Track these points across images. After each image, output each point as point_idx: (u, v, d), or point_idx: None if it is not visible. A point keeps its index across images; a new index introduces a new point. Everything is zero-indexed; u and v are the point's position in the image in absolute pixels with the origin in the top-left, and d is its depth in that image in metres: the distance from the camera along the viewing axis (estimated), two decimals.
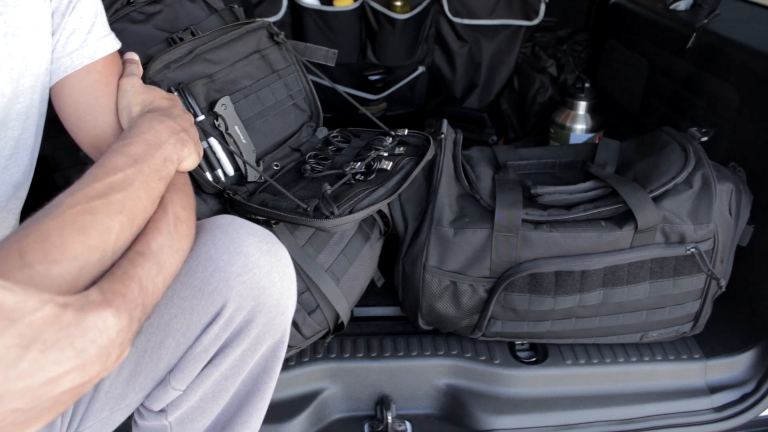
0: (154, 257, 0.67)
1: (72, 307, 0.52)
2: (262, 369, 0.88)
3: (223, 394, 0.86)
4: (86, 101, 0.85)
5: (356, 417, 1.28)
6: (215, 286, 0.77)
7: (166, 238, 0.70)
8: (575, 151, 1.42)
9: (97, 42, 0.85)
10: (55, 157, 1.21)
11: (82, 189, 0.64)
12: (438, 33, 2.11)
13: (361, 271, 1.24)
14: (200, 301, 0.78)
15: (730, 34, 1.50)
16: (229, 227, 0.81)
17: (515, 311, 1.24)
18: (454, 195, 1.25)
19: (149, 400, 0.85)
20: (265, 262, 0.80)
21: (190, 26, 1.17)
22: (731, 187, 1.24)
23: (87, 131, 0.86)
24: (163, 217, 0.72)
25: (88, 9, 0.85)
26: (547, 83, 2.10)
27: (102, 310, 0.55)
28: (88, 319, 0.53)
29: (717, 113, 1.50)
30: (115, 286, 0.59)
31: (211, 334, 0.79)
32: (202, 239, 0.80)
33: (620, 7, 2.05)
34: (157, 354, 0.81)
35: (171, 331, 0.79)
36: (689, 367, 1.33)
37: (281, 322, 0.84)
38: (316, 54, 1.30)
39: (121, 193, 0.66)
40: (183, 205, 0.76)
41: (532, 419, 1.26)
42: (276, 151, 1.23)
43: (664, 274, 1.22)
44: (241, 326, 0.81)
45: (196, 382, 0.83)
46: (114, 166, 0.68)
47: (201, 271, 0.78)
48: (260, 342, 0.84)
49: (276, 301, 0.81)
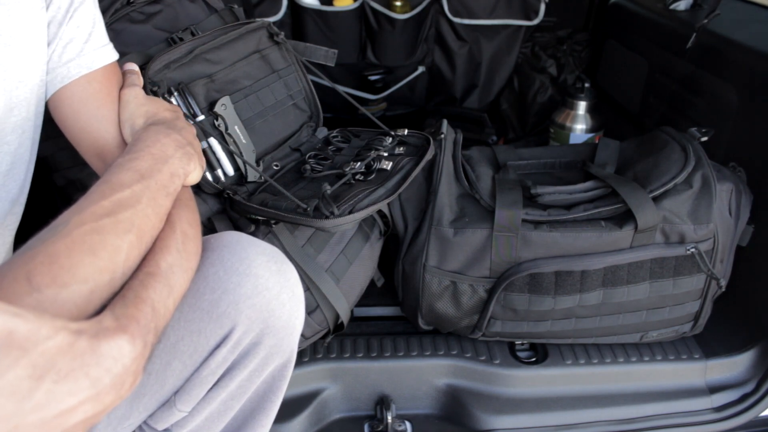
0: (164, 278, 0.65)
1: (86, 334, 0.50)
2: (269, 387, 0.87)
3: (228, 413, 0.85)
4: (88, 112, 0.83)
5: (356, 417, 1.28)
6: (224, 309, 0.75)
7: (175, 257, 0.68)
8: (575, 151, 1.42)
9: (95, 52, 0.83)
10: (55, 157, 1.21)
11: (89, 207, 0.62)
12: (438, 33, 2.11)
13: (361, 271, 1.24)
14: (208, 324, 0.76)
15: (730, 34, 1.50)
16: (237, 246, 0.79)
17: (515, 311, 1.24)
18: (454, 195, 1.25)
19: (153, 419, 0.84)
20: (274, 283, 0.78)
21: (190, 26, 1.18)
22: (731, 187, 1.24)
23: (90, 143, 0.84)
24: (171, 234, 0.69)
25: (85, 18, 0.83)
26: (547, 83, 2.10)
27: (117, 337, 0.52)
28: (102, 347, 0.51)
29: (717, 113, 1.50)
30: (128, 310, 0.57)
31: (218, 357, 0.77)
32: (210, 259, 0.78)
33: (620, 7, 2.05)
34: (162, 376, 0.79)
35: (177, 353, 0.78)
36: (689, 367, 1.33)
37: (289, 343, 0.83)
38: (316, 54, 1.30)
39: (129, 210, 0.64)
40: (190, 221, 0.74)
41: (532, 419, 1.26)
42: (276, 151, 1.23)
43: (664, 274, 1.22)
44: (249, 348, 0.79)
45: (202, 403, 0.82)
46: (121, 183, 0.66)
47: (209, 293, 0.76)
48: (268, 363, 0.82)
49: (285, 322, 0.80)
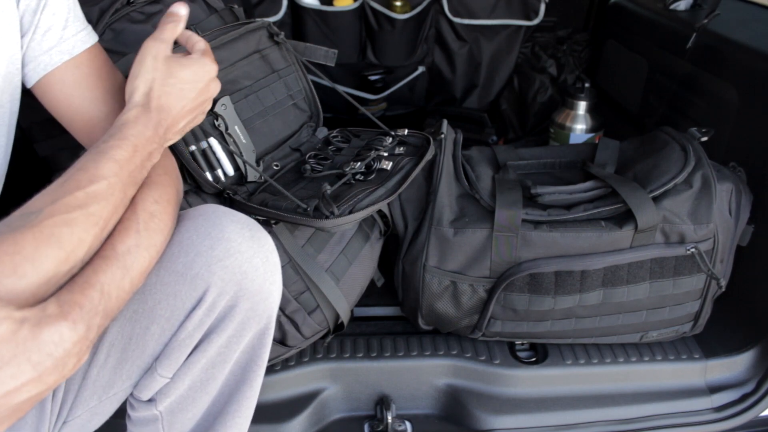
0: (119, 260, 0.68)
1: (28, 323, 0.54)
2: (250, 357, 0.88)
3: (211, 383, 0.86)
4: (81, 95, 0.85)
5: (356, 417, 1.28)
6: (197, 271, 0.78)
7: (134, 239, 0.71)
8: (575, 151, 1.42)
9: (74, 37, 0.85)
10: (55, 157, 1.21)
11: (63, 197, 0.64)
12: (438, 33, 2.11)
13: (361, 271, 1.24)
14: (183, 286, 0.78)
15: (730, 34, 1.50)
16: (212, 215, 0.82)
17: (515, 311, 1.24)
18: (454, 195, 1.25)
19: (138, 389, 0.85)
20: (247, 247, 0.80)
21: (190, 26, 1.17)
22: (731, 187, 1.24)
23: (83, 123, 0.86)
24: (132, 216, 0.72)
25: (60, 4, 0.84)
26: (547, 83, 2.10)
27: (58, 324, 0.57)
28: (44, 334, 0.55)
29: (717, 113, 1.50)
30: (74, 296, 0.61)
31: (194, 320, 0.79)
32: (185, 226, 0.81)
33: (620, 7, 2.05)
34: (142, 341, 0.81)
35: (155, 318, 0.80)
36: (689, 367, 1.33)
37: (265, 308, 0.85)
38: (316, 54, 1.30)
39: (101, 203, 0.67)
40: (156, 198, 0.77)
41: (532, 419, 1.26)
42: (276, 151, 1.23)
43: (664, 274, 1.22)
44: (225, 312, 0.81)
45: (183, 369, 0.83)
46: (99, 174, 0.68)
47: (183, 256, 0.78)
48: (245, 328, 0.84)
49: (259, 286, 0.82)
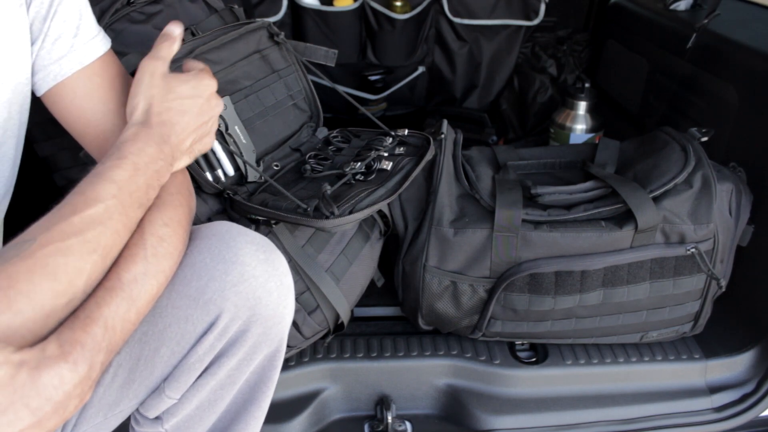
0: (125, 291, 0.65)
1: (27, 366, 0.51)
2: (259, 378, 0.87)
3: (219, 403, 0.85)
4: (94, 107, 0.82)
5: (356, 417, 1.28)
6: (210, 296, 0.75)
7: (141, 266, 0.67)
8: (575, 151, 1.42)
9: (85, 45, 0.81)
10: (56, 157, 1.21)
11: (58, 224, 0.61)
12: (438, 33, 2.11)
13: (361, 271, 1.24)
14: (195, 310, 0.76)
15: (730, 34, 1.50)
16: (226, 235, 0.79)
17: (515, 311, 1.24)
18: (454, 195, 1.25)
19: (144, 407, 0.84)
20: (261, 271, 0.78)
21: (191, 26, 1.17)
22: (731, 187, 1.24)
23: (95, 136, 0.83)
24: (139, 242, 0.69)
25: (71, 11, 0.80)
26: (547, 83, 2.10)
27: (58, 366, 0.54)
28: (43, 377, 0.52)
29: (717, 113, 1.50)
30: (75, 334, 0.58)
31: (205, 344, 0.77)
32: (198, 247, 0.78)
33: (620, 7, 2.05)
34: (151, 362, 0.79)
35: (165, 340, 0.78)
36: (689, 367, 1.33)
37: (278, 332, 0.83)
38: (316, 54, 1.30)
39: (98, 228, 0.63)
40: (166, 221, 0.73)
41: (532, 419, 1.26)
42: (276, 151, 1.23)
43: (664, 274, 1.22)
44: (237, 336, 0.79)
45: (192, 391, 0.82)
46: (96, 197, 0.65)
47: (196, 280, 0.76)
48: (256, 352, 0.82)
49: (272, 311, 0.80)
